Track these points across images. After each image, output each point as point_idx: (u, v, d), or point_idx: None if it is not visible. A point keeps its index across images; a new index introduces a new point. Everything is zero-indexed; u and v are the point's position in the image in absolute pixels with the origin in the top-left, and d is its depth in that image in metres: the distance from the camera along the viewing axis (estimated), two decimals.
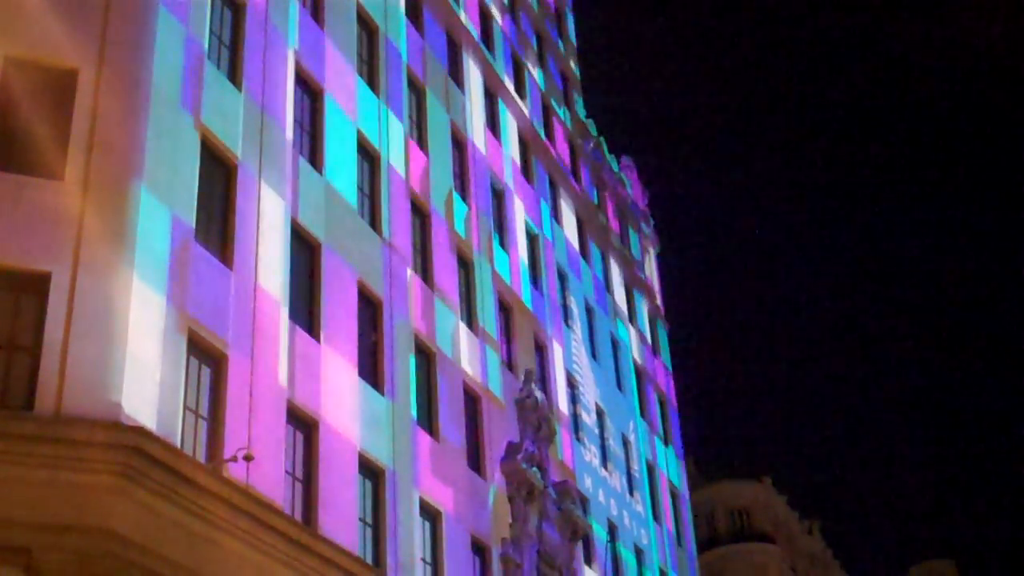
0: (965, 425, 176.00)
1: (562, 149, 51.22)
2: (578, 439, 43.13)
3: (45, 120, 21.49)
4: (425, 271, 33.62)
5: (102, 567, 18.32)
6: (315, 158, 28.63)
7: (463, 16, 41.97)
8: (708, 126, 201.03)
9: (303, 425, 25.13)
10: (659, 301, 60.95)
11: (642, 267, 59.45)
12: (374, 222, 30.96)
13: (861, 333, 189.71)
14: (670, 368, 59.85)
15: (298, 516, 24.05)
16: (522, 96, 47.24)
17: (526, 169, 45.57)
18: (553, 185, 48.71)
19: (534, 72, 49.72)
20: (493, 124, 43.07)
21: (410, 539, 28.24)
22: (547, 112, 50.65)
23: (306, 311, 26.53)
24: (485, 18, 45.11)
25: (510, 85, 45.63)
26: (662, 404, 56.55)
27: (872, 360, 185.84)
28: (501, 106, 44.14)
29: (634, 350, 53.98)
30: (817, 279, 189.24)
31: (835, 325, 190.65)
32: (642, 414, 52.67)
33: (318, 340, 26.37)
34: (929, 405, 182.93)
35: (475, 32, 42.87)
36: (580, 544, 39.66)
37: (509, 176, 42.78)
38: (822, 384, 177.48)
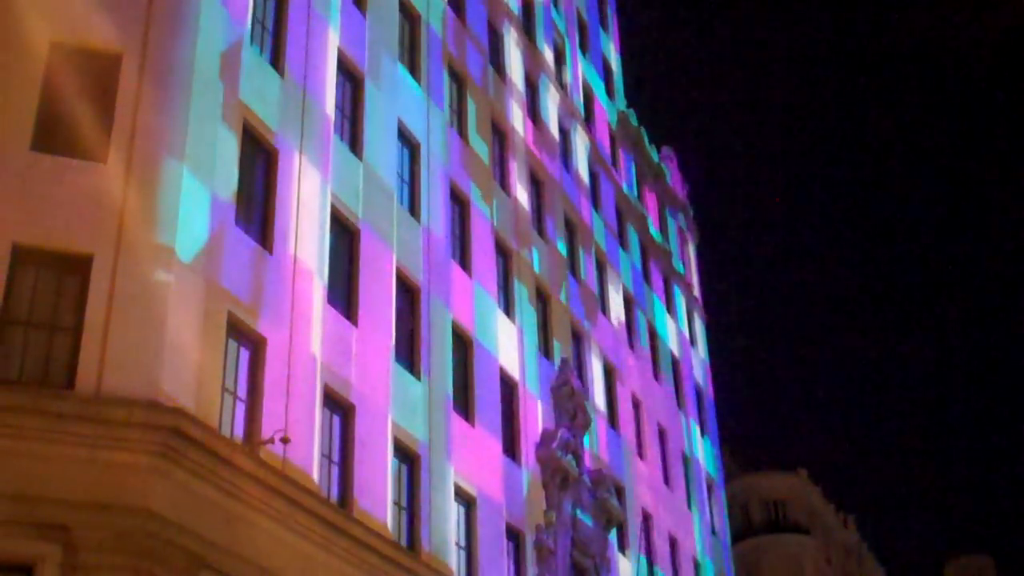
0: (1005, 419, 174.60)
1: (602, 138, 51.18)
2: (614, 428, 43.17)
3: (88, 103, 21.72)
4: (464, 258, 33.74)
5: (139, 546, 18.53)
6: (355, 144, 28.77)
7: (505, 4, 41.98)
8: (749, 117, 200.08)
9: (339, 408, 25.31)
10: (697, 292, 60.86)
11: (681, 258, 59.36)
12: (413, 209, 31.09)
13: (901, 326, 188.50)
14: (707, 359, 59.77)
15: (334, 499, 24.25)
16: (563, 85, 47.23)
17: (566, 158, 45.59)
18: (593, 175, 48.70)
19: (575, 61, 49.69)
20: (534, 113, 43.10)
21: (444, 524, 28.39)
22: (588, 101, 50.61)
23: (344, 295, 26.70)
24: (527, 7, 45.11)
25: (551, 74, 45.64)
26: (699, 394, 56.48)
27: (911, 353, 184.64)
28: (542, 95, 44.16)
29: (671, 340, 53.93)
30: (857, 272, 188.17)
31: (874, 318, 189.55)
32: (678, 404, 52.62)
33: (356, 324, 26.54)
34: (969, 399, 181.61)
35: (517, 21, 42.88)
36: (614, 532, 39.73)
37: (549, 166, 42.80)
38: (860, 376, 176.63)
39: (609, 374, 44.25)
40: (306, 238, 25.29)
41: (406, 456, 27.63)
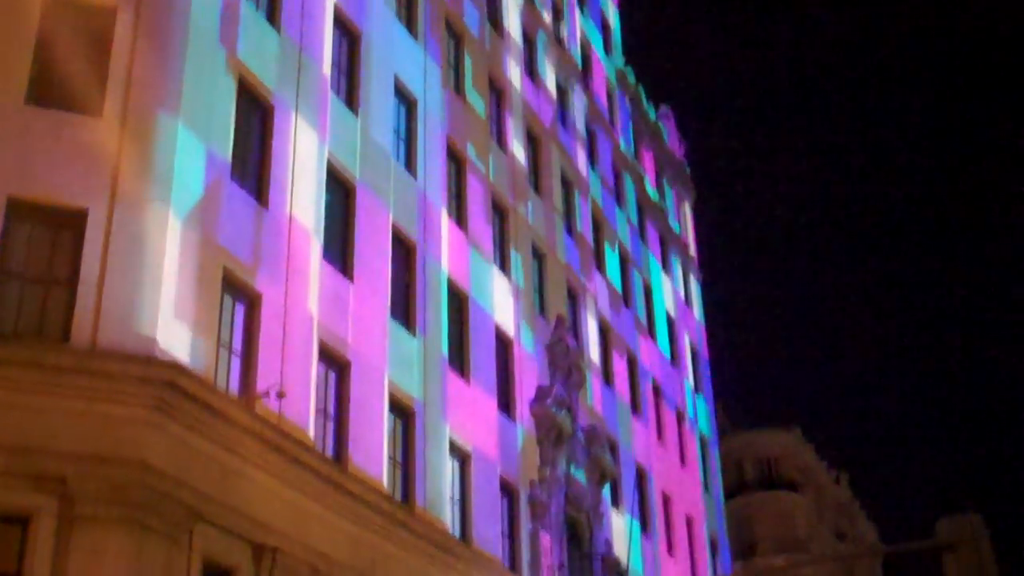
0: (996, 379, 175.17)
1: (600, 96, 51.04)
2: (608, 385, 43.33)
3: (84, 57, 21.68)
4: (459, 216, 33.74)
5: (135, 498, 18.67)
6: (352, 100, 28.71)
7: None
8: (747, 76, 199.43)
9: (335, 363, 25.41)
10: (693, 251, 60.89)
11: (677, 217, 59.35)
12: (409, 165, 31.07)
13: (894, 286, 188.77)
14: (702, 316, 59.89)
15: (329, 454, 24.39)
16: (561, 42, 47.05)
17: (563, 116, 45.48)
18: (590, 133, 48.60)
19: (573, 17, 49.48)
20: (531, 70, 42.96)
21: (439, 479, 28.57)
22: (586, 59, 50.42)
23: (340, 251, 26.75)
24: None
25: (549, 30, 45.44)
26: (693, 352, 56.62)
27: (904, 313, 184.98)
28: (540, 52, 44.00)
29: (667, 298, 54.01)
30: (851, 231, 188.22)
31: (868, 278, 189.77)
32: (673, 362, 52.79)
33: (351, 281, 26.60)
34: (962, 359, 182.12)
35: None
36: (607, 488, 39.94)
37: (546, 123, 42.72)
38: (854, 336, 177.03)
39: (604, 332, 44.34)
40: (302, 195, 25.30)
41: (401, 412, 27.77)
